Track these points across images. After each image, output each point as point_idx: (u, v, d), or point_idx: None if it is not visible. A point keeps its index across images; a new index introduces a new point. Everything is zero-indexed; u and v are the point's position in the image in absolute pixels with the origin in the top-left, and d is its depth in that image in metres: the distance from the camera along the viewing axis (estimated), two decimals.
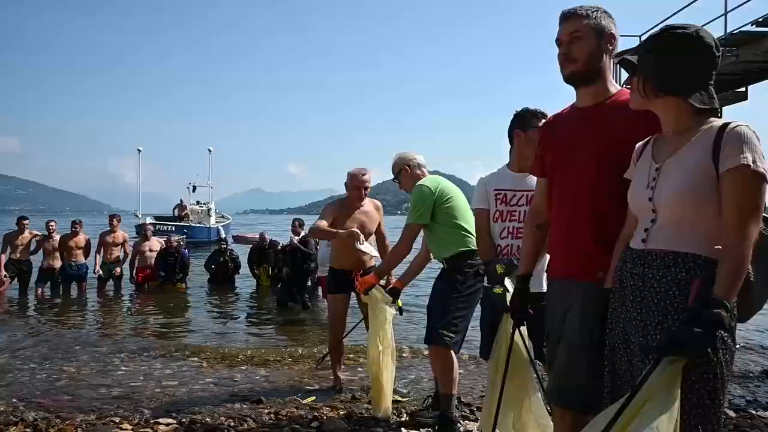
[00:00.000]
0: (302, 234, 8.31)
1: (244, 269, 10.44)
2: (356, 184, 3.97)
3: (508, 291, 2.36)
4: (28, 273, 9.48)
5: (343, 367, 4.32)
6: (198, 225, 25.33)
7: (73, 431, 3.17)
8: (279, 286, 8.26)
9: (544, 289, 2.52)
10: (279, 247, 9.43)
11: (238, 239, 22.60)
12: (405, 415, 3.46)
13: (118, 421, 3.38)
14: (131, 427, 3.26)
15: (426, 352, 5.01)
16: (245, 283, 10.33)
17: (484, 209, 2.78)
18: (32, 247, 9.52)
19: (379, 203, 4.24)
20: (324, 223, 3.90)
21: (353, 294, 3.96)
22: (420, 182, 3.21)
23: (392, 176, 3.63)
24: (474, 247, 3.03)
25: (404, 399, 3.86)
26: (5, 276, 9.12)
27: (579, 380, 1.72)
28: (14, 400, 3.85)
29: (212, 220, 27.44)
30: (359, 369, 4.73)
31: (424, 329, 3.20)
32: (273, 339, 6.23)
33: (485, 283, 2.82)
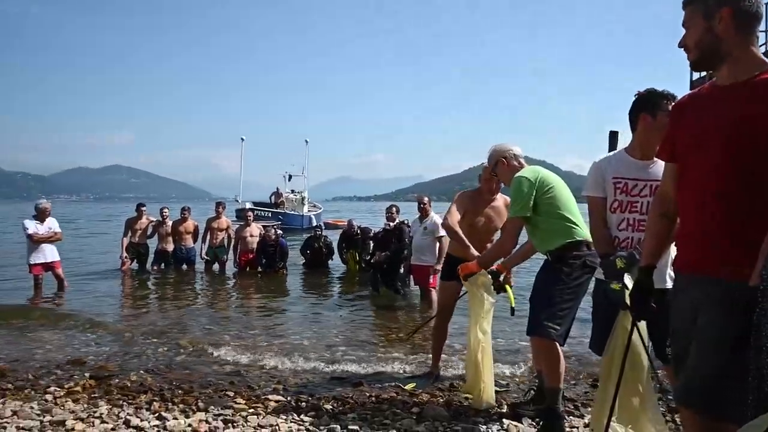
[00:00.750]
0: (397, 220, 8.39)
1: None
2: (487, 176, 3.85)
3: (627, 288, 2.21)
4: (146, 255, 10.42)
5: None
6: (292, 212, 26.48)
7: (194, 402, 3.44)
8: (372, 271, 8.43)
9: (667, 284, 2.36)
10: (371, 234, 9.66)
11: (327, 226, 23.34)
12: (505, 406, 3.41)
13: (232, 395, 3.63)
14: (244, 401, 3.49)
15: (522, 344, 4.91)
16: (338, 268, 10.64)
17: (599, 197, 2.62)
18: (149, 232, 10.43)
19: (509, 200, 4.11)
20: (456, 218, 3.84)
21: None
22: (518, 174, 3.10)
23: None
24: (580, 238, 2.90)
25: (503, 390, 3.81)
26: (126, 257, 10.08)
27: (709, 381, 1.60)
28: (142, 371, 4.26)
29: (305, 208, 28.56)
30: (454, 357, 4.72)
31: (523, 319, 3.13)
32: (368, 324, 6.36)
33: (598, 276, 2.69)
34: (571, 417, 3.24)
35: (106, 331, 5.75)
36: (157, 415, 3.15)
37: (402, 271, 8.05)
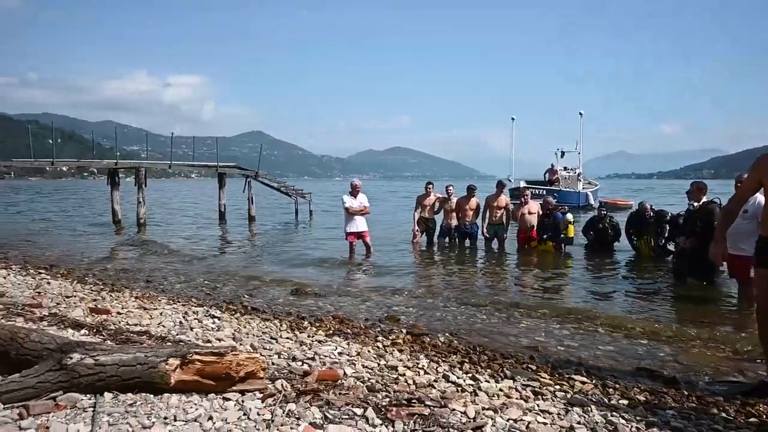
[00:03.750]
0: (703, 200, 7.29)
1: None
2: None
3: None
4: (433, 229, 11.38)
5: None
6: (566, 190, 25.48)
7: (499, 369, 3.65)
8: (676, 259, 7.54)
9: None
10: (668, 217, 8.65)
11: (605, 205, 21.74)
12: None
13: (534, 368, 3.73)
14: (548, 376, 3.54)
15: None
16: (624, 252, 9.82)
17: None
18: (436, 207, 11.35)
19: None
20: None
21: None
22: None
23: None
24: None
25: None
26: (417, 230, 11.20)
27: None
28: (447, 333, 4.72)
29: (580, 185, 27.15)
30: None
31: None
32: (671, 315, 5.74)
33: None
34: None
35: (410, 295, 6.52)
36: (470, 375, 3.44)
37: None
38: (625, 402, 3.09)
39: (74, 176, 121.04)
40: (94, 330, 3.94)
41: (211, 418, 2.34)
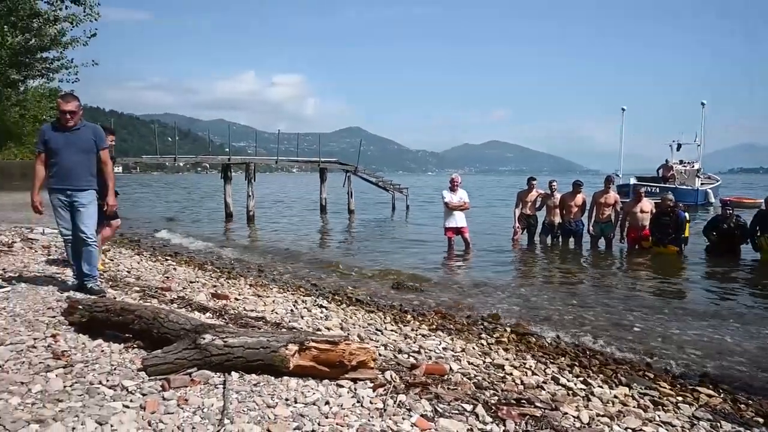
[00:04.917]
0: None
1: None
2: None
3: None
4: (535, 226, 10.99)
5: None
6: (683, 187, 23.51)
7: (612, 374, 3.49)
8: None
9: None
10: None
11: (729, 203, 19.70)
12: None
13: (652, 376, 3.51)
14: (668, 386, 3.32)
15: None
16: (748, 255, 8.89)
17: None
18: (538, 204, 10.96)
19: None
20: None
21: None
22: None
23: None
24: None
25: None
26: (518, 227, 10.88)
27: None
28: (554, 335, 4.56)
29: (698, 181, 24.91)
30: None
31: None
32: None
33: None
34: None
35: (512, 294, 6.38)
36: (581, 379, 3.31)
37: None
38: (761, 420, 2.83)
39: (189, 171, 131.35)
40: (217, 314, 4.28)
41: (327, 402, 2.47)
